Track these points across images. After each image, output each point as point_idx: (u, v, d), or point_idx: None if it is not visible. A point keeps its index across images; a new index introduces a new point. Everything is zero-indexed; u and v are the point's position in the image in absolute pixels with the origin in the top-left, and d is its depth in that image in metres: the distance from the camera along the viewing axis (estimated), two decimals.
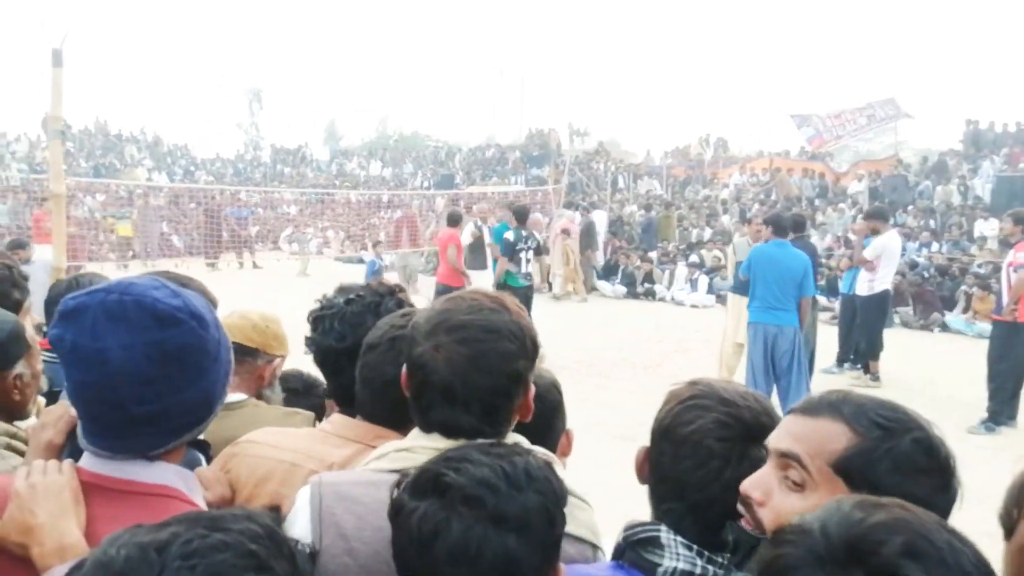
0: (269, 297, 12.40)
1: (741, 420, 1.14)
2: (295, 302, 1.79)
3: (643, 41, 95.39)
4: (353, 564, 1.10)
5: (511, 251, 8.72)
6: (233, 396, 1.89)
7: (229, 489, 1.41)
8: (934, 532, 0.73)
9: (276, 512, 1.06)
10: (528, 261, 8.81)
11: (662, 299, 14.43)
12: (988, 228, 14.42)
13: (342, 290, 1.63)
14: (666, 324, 11.83)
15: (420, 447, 1.16)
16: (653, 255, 15.80)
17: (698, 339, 10.52)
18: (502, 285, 8.59)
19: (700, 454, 1.14)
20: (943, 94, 67.13)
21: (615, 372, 8.60)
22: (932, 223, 16.19)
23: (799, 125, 23.55)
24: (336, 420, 1.47)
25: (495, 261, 9.50)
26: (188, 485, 1.13)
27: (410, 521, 0.96)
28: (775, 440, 1.05)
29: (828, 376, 8.45)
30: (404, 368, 1.20)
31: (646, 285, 14.78)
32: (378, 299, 1.58)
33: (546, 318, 9.47)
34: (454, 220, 9.88)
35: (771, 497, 1.02)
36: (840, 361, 8.85)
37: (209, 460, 1.52)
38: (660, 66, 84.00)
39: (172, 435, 1.09)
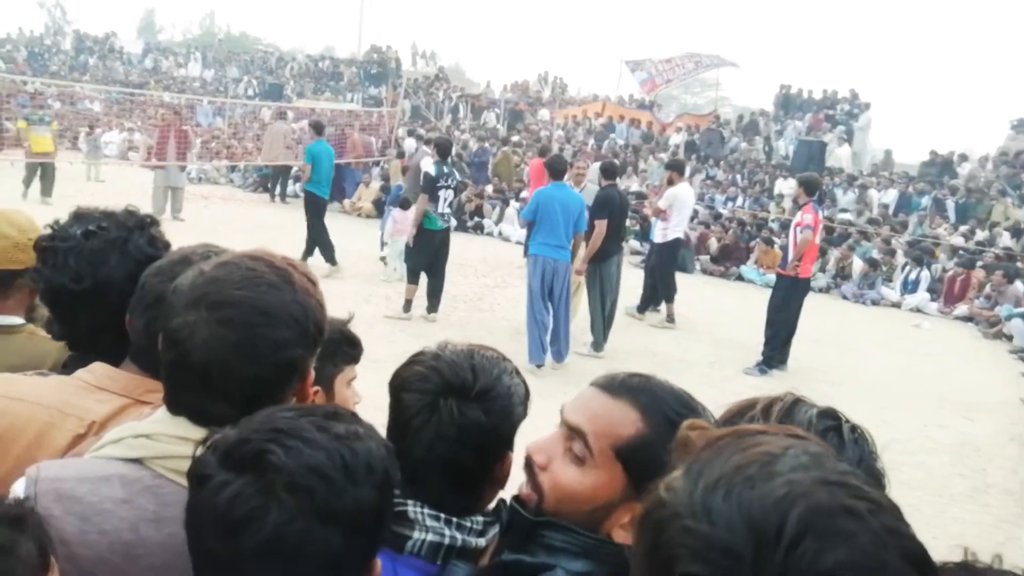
0: (55, 207, 11.24)
1: (439, 372, 1.12)
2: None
3: None
4: (74, 570, 0.98)
5: (431, 188, 7.60)
6: (6, 318, 1.62)
7: None
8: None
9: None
10: (447, 201, 7.73)
11: (489, 234, 14.64)
12: (787, 187, 15.44)
13: (79, 218, 1.38)
14: (491, 259, 12.04)
15: (164, 435, 1.03)
16: (486, 189, 15.90)
17: (520, 275, 10.80)
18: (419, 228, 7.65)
19: (400, 408, 1.13)
20: (764, 56, 72.18)
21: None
22: (740, 178, 17.46)
23: (633, 69, 24.38)
24: (97, 369, 1.26)
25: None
26: None
27: (217, 498, 0.80)
28: (570, 411, 1.06)
29: (632, 316, 9.04)
30: (160, 337, 1.05)
31: (475, 219, 14.90)
32: (125, 234, 1.36)
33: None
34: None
35: (552, 463, 1.05)
36: (644, 302, 9.45)
37: None
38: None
39: None
